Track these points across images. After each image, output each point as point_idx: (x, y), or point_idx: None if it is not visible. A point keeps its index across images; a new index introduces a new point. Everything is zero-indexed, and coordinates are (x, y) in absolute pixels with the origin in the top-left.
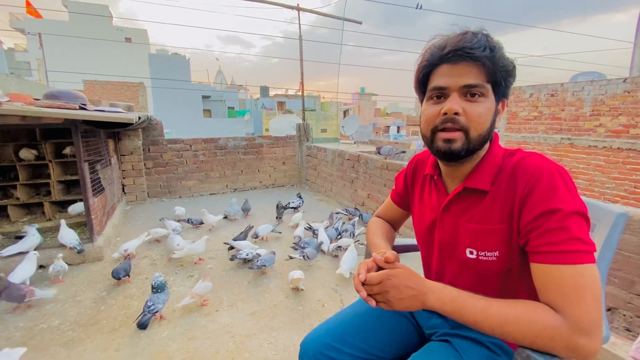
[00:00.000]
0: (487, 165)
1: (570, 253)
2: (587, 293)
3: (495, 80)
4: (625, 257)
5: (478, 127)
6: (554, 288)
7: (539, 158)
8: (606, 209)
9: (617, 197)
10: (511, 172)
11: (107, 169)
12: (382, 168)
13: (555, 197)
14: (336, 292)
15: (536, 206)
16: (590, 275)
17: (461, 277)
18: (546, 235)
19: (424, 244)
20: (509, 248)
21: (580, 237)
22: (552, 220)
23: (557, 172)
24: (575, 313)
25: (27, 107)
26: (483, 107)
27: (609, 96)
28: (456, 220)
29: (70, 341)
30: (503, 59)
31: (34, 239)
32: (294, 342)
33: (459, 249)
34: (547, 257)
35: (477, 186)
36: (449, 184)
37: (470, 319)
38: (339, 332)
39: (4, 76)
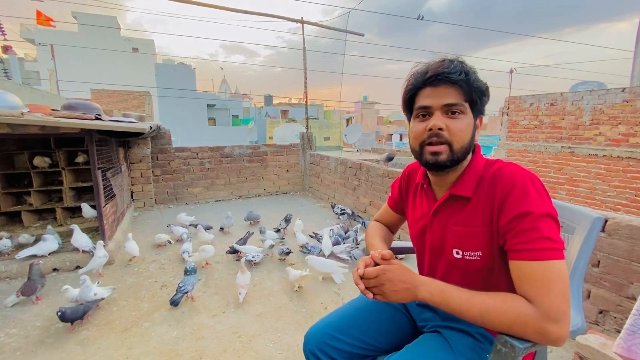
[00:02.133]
0: (470, 174)
1: (540, 250)
2: (556, 285)
3: (472, 99)
4: (614, 261)
5: (460, 140)
6: (526, 281)
7: (514, 168)
8: (584, 213)
9: (618, 205)
10: (490, 180)
11: (118, 177)
12: (384, 176)
13: (526, 202)
14: (338, 295)
15: (511, 210)
16: (558, 270)
17: (450, 274)
18: (519, 235)
19: (418, 245)
20: (490, 248)
21: (550, 236)
22: (524, 221)
23: (529, 180)
24: (545, 302)
25: (47, 118)
26: (463, 123)
27: (608, 105)
28: (444, 224)
29: (85, 340)
30: (477, 81)
31: (51, 244)
32: (298, 342)
33: (447, 249)
34: (520, 255)
35: (462, 193)
36: (437, 192)
37: (456, 308)
38: (339, 324)
39: (18, 86)
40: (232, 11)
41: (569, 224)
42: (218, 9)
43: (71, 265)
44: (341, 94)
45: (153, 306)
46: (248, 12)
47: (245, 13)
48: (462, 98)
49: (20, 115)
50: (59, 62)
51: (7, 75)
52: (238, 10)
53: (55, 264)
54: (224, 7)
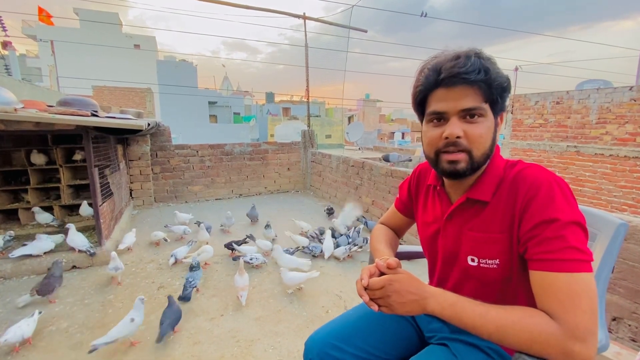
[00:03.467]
0: (489, 177)
1: (566, 261)
2: (583, 301)
3: (493, 98)
4: (630, 266)
5: (480, 147)
6: (550, 295)
7: (538, 169)
8: (607, 219)
9: (624, 205)
10: (512, 183)
11: (116, 174)
12: (387, 175)
13: (552, 207)
14: (340, 299)
15: (535, 216)
16: (585, 284)
17: (463, 283)
18: (543, 244)
19: (429, 251)
20: (509, 256)
21: (577, 246)
22: (549, 229)
23: (555, 184)
24: (570, 320)
25: (41, 114)
26: (483, 127)
27: (615, 104)
28: (459, 229)
29: (78, 343)
30: (498, 77)
31: (46, 243)
32: (298, 347)
33: (461, 256)
34: (543, 265)
35: (479, 197)
36: (451, 194)
37: (469, 323)
38: (342, 332)
39: (17, 82)
40: (234, 6)
41: (591, 230)
42: (220, 4)
43: (67, 265)
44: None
45: (150, 308)
46: (250, 7)
47: (247, 8)
48: (482, 99)
49: (14, 111)
50: (60, 59)
51: (8, 71)
52: (240, 6)
53: (50, 263)
54: (226, 3)
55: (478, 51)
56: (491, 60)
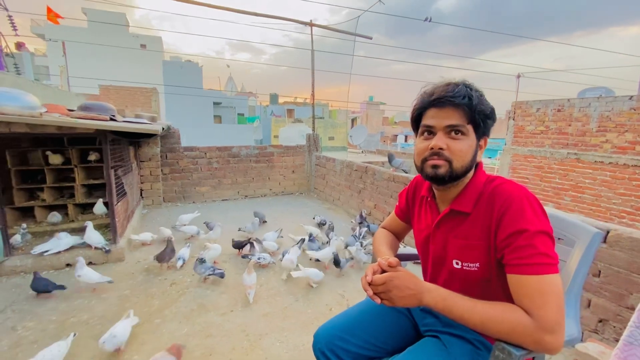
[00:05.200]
0: (470, 191)
1: (535, 265)
2: (551, 298)
3: (475, 122)
4: (615, 272)
5: (459, 160)
6: (523, 294)
7: (512, 186)
8: (584, 228)
9: (623, 212)
10: (489, 197)
11: (129, 175)
12: (389, 180)
13: (523, 219)
14: (343, 297)
15: (508, 226)
16: (553, 284)
17: (450, 283)
18: (516, 251)
19: (422, 254)
20: (487, 260)
21: (545, 252)
22: (520, 238)
23: (525, 199)
24: (541, 314)
25: (64, 118)
26: (464, 144)
27: (615, 113)
28: (445, 236)
29: (99, 334)
30: (481, 104)
31: (65, 242)
32: (304, 342)
33: (448, 260)
34: (517, 269)
35: (461, 209)
36: (440, 205)
37: (458, 315)
38: (346, 325)
39: (30, 82)
40: (242, 13)
41: (570, 237)
42: (228, 11)
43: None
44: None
45: (163, 303)
46: (258, 14)
47: (255, 15)
48: (465, 120)
49: (39, 115)
50: (68, 58)
51: (18, 70)
52: (248, 12)
53: (68, 259)
54: (234, 9)
55: (468, 83)
56: (478, 92)
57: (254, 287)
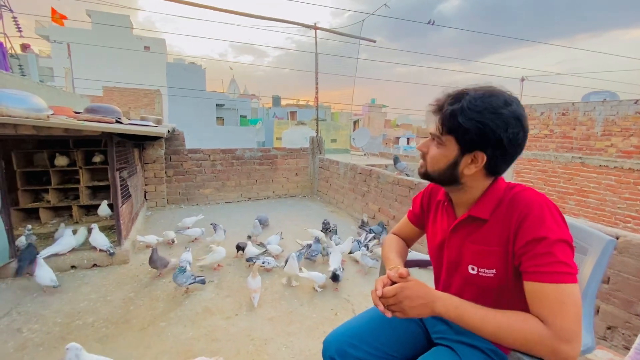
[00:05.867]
0: (489, 197)
1: (554, 274)
2: (568, 308)
3: (455, 134)
4: (624, 278)
5: (431, 165)
6: (540, 302)
7: (532, 193)
8: (598, 235)
9: (628, 217)
10: (509, 204)
11: (134, 177)
12: (394, 183)
13: (542, 227)
14: (348, 302)
15: (527, 234)
16: (571, 293)
17: (464, 290)
18: (535, 259)
19: (435, 259)
20: (504, 267)
21: (564, 260)
22: (539, 246)
23: (546, 206)
24: (558, 323)
25: (71, 121)
26: (438, 152)
27: (620, 117)
28: (461, 241)
29: (104, 337)
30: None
31: (70, 240)
32: (309, 347)
33: (463, 265)
34: (535, 277)
35: (479, 215)
36: (457, 210)
37: (470, 324)
38: (357, 331)
39: (35, 84)
40: (245, 15)
41: (582, 244)
42: (232, 14)
43: (88, 263)
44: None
45: (168, 306)
46: (262, 17)
47: (258, 18)
48: (442, 131)
49: (47, 118)
50: (73, 59)
51: (23, 72)
52: (251, 15)
53: (73, 261)
54: (237, 12)
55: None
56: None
57: (259, 290)
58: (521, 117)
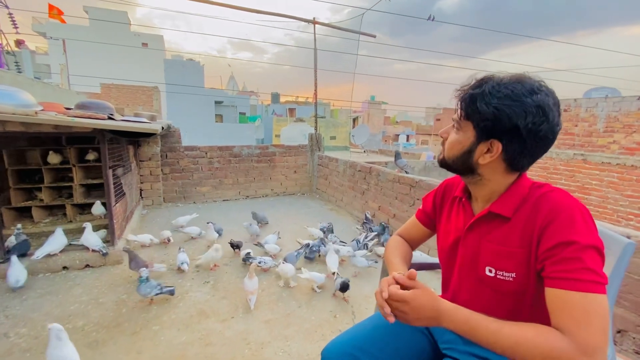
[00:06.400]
0: (512, 195)
1: (582, 281)
2: (596, 320)
3: (472, 120)
4: (635, 280)
5: (447, 151)
6: (564, 312)
7: (563, 194)
8: (615, 238)
9: (630, 215)
10: (534, 203)
11: (128, 175)
12: (394, 181)
13: (573, 230)
14: (348, 304)
15: (554, 236)
16: (599, 305)
17: (478, 293)
18: (562, 263)
19: (446, 260)
20: (526, 271)
21: (594, 268)
22: (568, 250)
23: (577, 209)
24: (582, 336)
25: (60, 117)
26: (454, 137)
27: (622, 113)
28: (478, 240)
29: (94, 342)
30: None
31: (62, 239)
32: (308, 351)
33: (479, 266)
34: (560, 283)
35: (501, 212)
36: (475, 207)
37: (483, 339)
38: (358, 341)
39: (30, 81)
40: (244, 10)
41: None
42: (230, 8)
43: (81, 264)
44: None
45: (162, 309)
46: (260, 11)
47: (257, 12)
48: (462, 116)
49: (35, 114)
50: (70, 56)
51: (19, 68)
52: (250, 10)
53: (65, 262)
54: (236, 6)
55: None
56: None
57: (255, 292)
58: (546, 108)
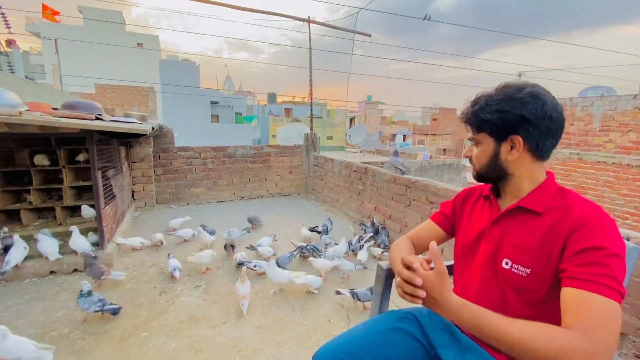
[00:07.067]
0: (542, 192)
1: (607, 287)
2: (612, 324)
3: (485, 130)
4: (635, 282)
5: (477, 164)
6: (584, 311)
7: (591, 202)
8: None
9: (626, 214)
10: (567, 206)
11: (119, 176)
12: (390, 182)
13: (603, 237)
14: (342, 307)
15: (584, 240)
16: (616, 312)
17: (489, 287)
18: (589, 266)
19: (464, 255)
20: (542, 270)
21: (618, 277)
22: (597, 255)
23: (607, 218)
24: (598, 335)
25: (45, 117)
26: (477, 151)
27: (618, 112)
28: (502, 233)
29: (80, 350)
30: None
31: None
32: (301, 357)
33: (498, 259)
34: (585, 284)
35: (532, 207)
36: (502, 204)
37: (492, 335)
38: (350, 347)
39: (21, 81)
40: (239, 9)
41: None
42: (225, 7)
43: (69, 268)
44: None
45: (152, 314)
46: (255, 10)
47: (252, 11)
48: (474, 131)
49: (19, 114)
50: (63, 56)
51: (11, 68)
52: (245, 9)
53: (53, 266)
54: (231, 5)
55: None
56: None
57: (247, 297)
58: (538, 94)
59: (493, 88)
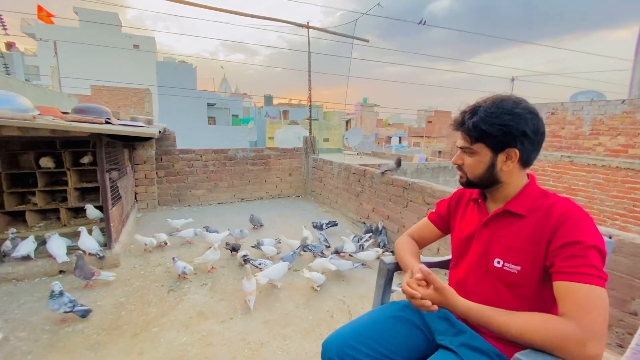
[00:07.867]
0: (525, 196)
1: (587, 275)
2: (598, 308)
3: (484, 141)
4: (618, 277)
5: (470, 172)
6: (572, 300)
7: (571, 202)
8: None
9: (616, 215)
10: (548, 208)
11: (124, 178)
12: (388, 183)
13: (580, 232)
14: (344, 303)
15: (564, 236)
16: (600, 296)
17: (482, 284)
18: (570, 260)
19: (459, 251)
20: (531, 267)
21: (596, 265)
22: (575, 248)
23: (584, 214)
24: (588, 319)
25: (58, 122)
26: (472, 160)
27: (608, 116)
28: (491, 235)
29: (95, 344)
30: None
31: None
32: (306, 350)
33: (490, 259)
34: (568, 277)
35: (516, 211)
36: (490, 207)
37: (496, 331)
38: (358, 334)
39: (21, 83)
40: (237, 14)
41: None
42: (225, 12)
43: None
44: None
45: (161, 311)
46: (254, 15)
47: (251, 17)
48: (470, 141)
49: (32, 119)
50: (59, 58)
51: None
52: (244, 14)
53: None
54: (230, 11)
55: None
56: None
57: (254, 293)
58: (534, 111)
59: (486, 100)
